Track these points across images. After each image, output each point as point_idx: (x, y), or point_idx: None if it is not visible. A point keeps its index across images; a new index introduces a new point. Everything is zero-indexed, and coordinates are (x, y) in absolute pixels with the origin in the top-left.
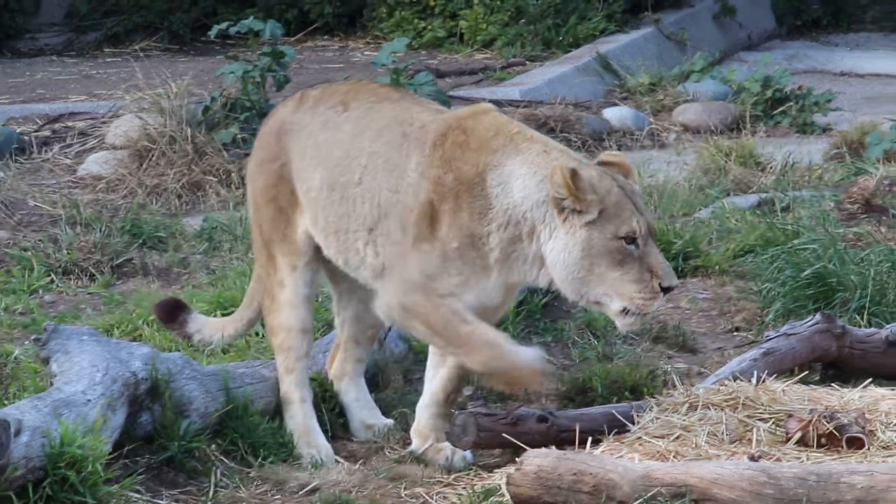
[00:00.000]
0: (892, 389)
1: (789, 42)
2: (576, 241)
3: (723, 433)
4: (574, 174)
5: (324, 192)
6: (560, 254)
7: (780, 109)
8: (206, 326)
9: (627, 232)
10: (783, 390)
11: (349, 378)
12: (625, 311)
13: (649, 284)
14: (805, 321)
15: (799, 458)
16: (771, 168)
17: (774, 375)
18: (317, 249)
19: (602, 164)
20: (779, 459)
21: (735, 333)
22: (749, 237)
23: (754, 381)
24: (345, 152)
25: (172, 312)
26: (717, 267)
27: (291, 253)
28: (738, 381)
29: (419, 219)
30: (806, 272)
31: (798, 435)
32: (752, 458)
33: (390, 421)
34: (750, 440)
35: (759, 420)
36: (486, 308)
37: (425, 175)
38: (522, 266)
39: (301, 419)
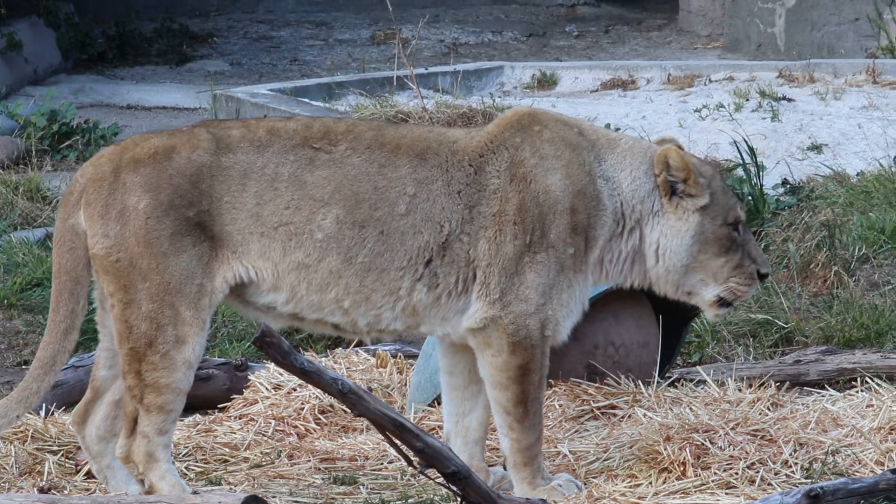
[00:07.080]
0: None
1: (76, 76)
2: (689, 226)
3: (12, 466)
4: (687, 157)
5: (346, 231)
6: (671, 240)
7: (67, 143)
8: None
9: (735, 218)
10: (70, 423)
11: None
12: (719, 301)
13: (747, 270)
14: (91, 353)
15: (88, 489)
16: (58, 201)
17: (63, 408)
18: None
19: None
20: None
21: (24, 367)
22: (37, 271)
23: (43, 413)
24: (372, 186)
25: None
26: (5, 301)
27: (205, 307)
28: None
29: (523, 224)
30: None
31: (87, 467)
32: (42, 490)
33: None
34: (40, 472)
35: (49, 452)
36: None
37: (517, 176)
38: (614, 266)
39: (174, 479)
